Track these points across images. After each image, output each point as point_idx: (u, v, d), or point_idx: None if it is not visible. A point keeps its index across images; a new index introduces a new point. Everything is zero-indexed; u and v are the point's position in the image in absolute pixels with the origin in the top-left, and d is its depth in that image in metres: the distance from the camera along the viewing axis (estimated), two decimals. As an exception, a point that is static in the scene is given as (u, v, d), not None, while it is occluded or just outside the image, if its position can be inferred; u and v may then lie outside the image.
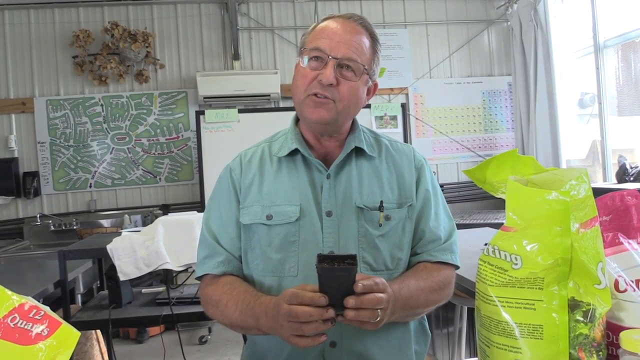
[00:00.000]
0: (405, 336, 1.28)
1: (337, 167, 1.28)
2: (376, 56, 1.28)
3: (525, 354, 0.89)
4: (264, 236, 1.25)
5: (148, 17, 4.80)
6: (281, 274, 1.23)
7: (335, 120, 1.24)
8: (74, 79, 4.70)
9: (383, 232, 1.24)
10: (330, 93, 1.21)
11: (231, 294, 1.20)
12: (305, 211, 1.24)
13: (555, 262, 0.87)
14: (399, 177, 1.31)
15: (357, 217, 1.24)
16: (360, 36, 1.24)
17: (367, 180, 1.28)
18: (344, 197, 1.25)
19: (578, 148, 4.74)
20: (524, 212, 0.90)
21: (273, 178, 1.30)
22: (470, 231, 3.00)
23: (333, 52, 1.20)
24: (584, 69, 4.60)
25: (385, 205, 1.25)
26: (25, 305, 0.75)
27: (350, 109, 1.25)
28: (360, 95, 1.26)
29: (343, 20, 1.25)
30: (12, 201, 4.58)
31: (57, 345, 0.70)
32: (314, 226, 1.23)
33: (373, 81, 1.30)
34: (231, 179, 1.33)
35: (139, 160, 4.78)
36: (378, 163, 1.31)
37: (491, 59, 5.30)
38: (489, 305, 0.93)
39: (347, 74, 1.21)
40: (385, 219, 1.24)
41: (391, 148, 1.35)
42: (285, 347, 1.21)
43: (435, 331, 3.02)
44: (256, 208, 1.27)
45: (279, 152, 1.32)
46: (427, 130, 5.16)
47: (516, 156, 1.04)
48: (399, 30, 5.13)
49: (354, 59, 1.21)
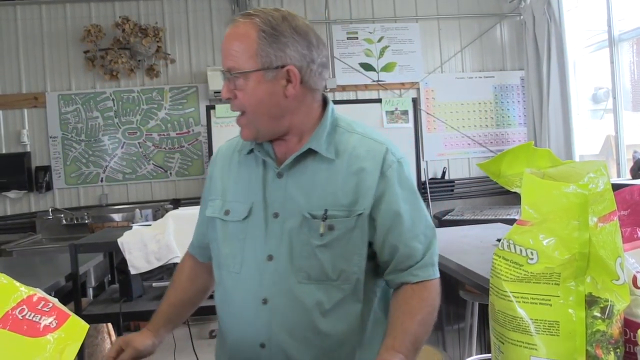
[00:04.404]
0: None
1: (289, 167, 1.22)
2: (269, 41, 1.15)
3: (541, 350, 0.87)
4: (220, 230, 1.28)
5: (159, 11, 4.80)
6: (225, 269, 1.26)
7: (258, 130, 1.20)
8: (85, 74, 4.72)
9: (324, 242, 1.17)
10: (235, 107, 1.21)
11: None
12: (254, 210, 1.23)
13: (573, 257, 0.85)
14: (359, 183, 1.19)
15: (300, 224, 1.19)
16: (236, 38, 1.17)
17: (320, 184, 1.20)
18: (292, 200, 1.20)
19: (591, 143, 4.69)
20: (540, 205, 0.88)
21: (235, 174, 1.30)
22: (482, 227, 2.98)
23: (224, 67, 1.19)
24: (598, 63, 4.55)
25: (331, 213, 1.17)
26: (34, 297, 0.75)
27: (262, 113, 1.18)
28: (264, 96, 1.17)
29: (227, 30, 1.20)
30: (24, 195, 4.61)
31: (65, 337, 0.69)
32: (259, 227, 1.22)
33: (282, 67, 1.15)
34: (210, 170, 1.40)
35: (150, 154, 4.79)
36: (338, 165, 1.21)
37: (503, 53, 5.24)
38: (503, 301, 0.91)
39: (238, 83, 1.17)
40: (328, 228, 1.17)
41: (360, 148, 1.23)
42: (227, 342, 1.28)
43: (445, 327, 3.01)
44: (218, 202, 1.30)
45: (242, 149, 1.31)
46: (438, 125, 5.11)
47: (532, 149, 1.01)
48: (411, 25, 5.09)
49: (233, 67, 1.16)
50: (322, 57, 1.22)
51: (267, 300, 1.18)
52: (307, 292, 1.18)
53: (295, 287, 1.18)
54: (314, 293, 1.18)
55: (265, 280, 1.19)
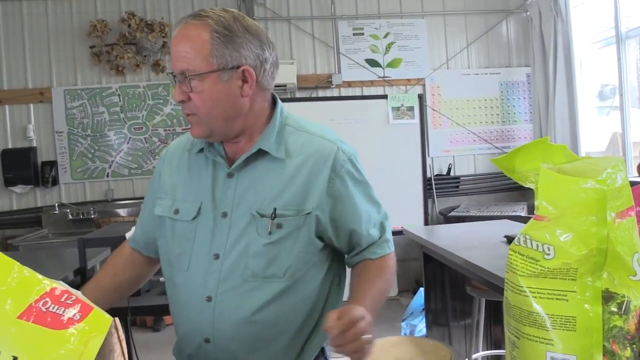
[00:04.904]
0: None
1: (240, 167, 1.23)
2: (223, 41, 1.14)
3: (557, 345, 0.87)
4: (169, 229, 1.28)
5: (164, 7, 4.80)
6: (175, 267, 1.27)
7: (211, 130, 1.20)
8: (91, 69, 4.72)
9: (272, 240, 1.19)
10: (188, 109, 1.19)
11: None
12: (203, 210, 1.24)
13: (590, 253, 0.85)
14: (308, 181, 1.21)
15: (249, 222, 1.20)
16: (188, 40, 1.15)
17: (270, 183, 1.21)
18: (241, 199, 1.21)
19: (598, 140, 4.67)
20: (557, 200, 0.88)
21: (185, 173, 1.31)
22: (489, 223, 2.98)
23: (175, 70, 1.17)
24: (605, 60, 4.53)
25: (280, 212, 1.19)
26: (56, 290, 0.75)
27: (217, 114, 1.17)
28: (221, 96, 1.16)
29: (176, 32, 1.18)
30: (30, 190, 4.62)
31: (89, 330, 0.70)
32: (207, 226, 1.23)
33: (238, 67, 1.16)
34: (158, 168, 1.39)
35: (156, 150, 4.80)
36: (287, 164, 1.22)
37: (509, 49, 5.23)
38: (519, 296, 0.91)
39: (193, 85, 1.15)
40: (276, 227, 1.18)
41: (310, 147, 1.24)
42: (177, 336, 1.30)
43: (452, 323, 3.01)
44: (168, 201, 1.30)
45: (192, 148, 1.31)
46: (443, 122, 5.11)
47: (547, 144, 1.01)
48: (416, 21, 5.08)
49: (186, 69, 1.14)
50: (274, 57, 1.24)
51: (211, 298, 1.20)
52: (251, 290, 1.19)
53: (240, 285, 1.19)
54: (258, 290, 1.19)
55: (210, 279, 1.21)
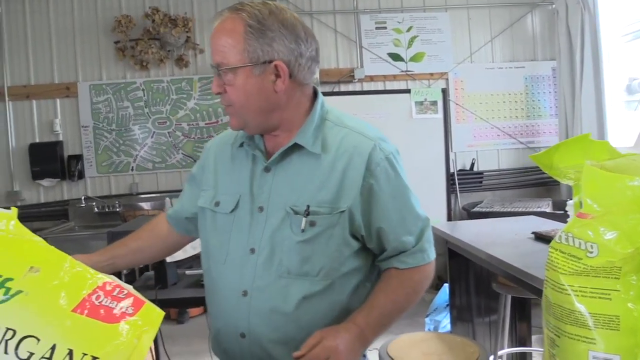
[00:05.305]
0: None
1: (276, 161, 1.23)
2: (256, 36, 1.15)
3: (600, 345, 0.86)
4: (210, 221, 1.30)
5: (188, 2, 4.82)
6: (213, 259, 1.28)
7: (246, 122, 1.21)
8: (116, 64, 4.77)
9: (305, 238, 1.18)
10: (225, 100, 1.20)
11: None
12: (241, 203, 1.24)
13: (636, 251, 0.84)
14: (343, 179, 1.19)
15: (283, 218, 1.20)
16: (224, 33, 1.17)
17: (305, 179, 1.21)
18: (277, 194, 1.22)
19: (626, 136, 4.58)
20: (602, 198, 0.87)
21: (227, 166, 1.32)
22: (516, 219, 2.94)
23: (213, 62, 1.19)
24: (633, 53, 4.43)
25: (314, 209, 1.18)
26: (109, 284, 0.76)
27: (251, 108, 1.19)
28: (254, 90, 1.17)
29: (215, 25, 1.20)
30: (57, 183, 4.70)
31: (142, 324, 0.70)
32: (244, 220, 1.24)
33: (270, 62, 1.16)
34: (202, 159, 1.41)
35: (179, 144, 4.84)
36: (324, 160, 1.20)
37: (534, 43, 5.14)
38: (560, 294, 0.90)
39: (227, 78, 1.17)
40: (309, 224, 1.17)
41: (347, 143, 1.22)
42: (214, 330, 1.31)
43: (476, 319, 2.99)
44: (210, 193, 1.31)
45: (234, 142, 1.32)
46: (467, 116, 5.06)
47: (588, 141, 1.00)
48: (440, 14, 5.03)
49: (221, 62, 1.17)
50: (311, 51, 1.22)
51: (247, 293, 1.20)
52: (286, 286, 1.19)
53: (275, 281, 1.19)
54: (293, 287, 1.19)
55: (246, 273, 1.21)
